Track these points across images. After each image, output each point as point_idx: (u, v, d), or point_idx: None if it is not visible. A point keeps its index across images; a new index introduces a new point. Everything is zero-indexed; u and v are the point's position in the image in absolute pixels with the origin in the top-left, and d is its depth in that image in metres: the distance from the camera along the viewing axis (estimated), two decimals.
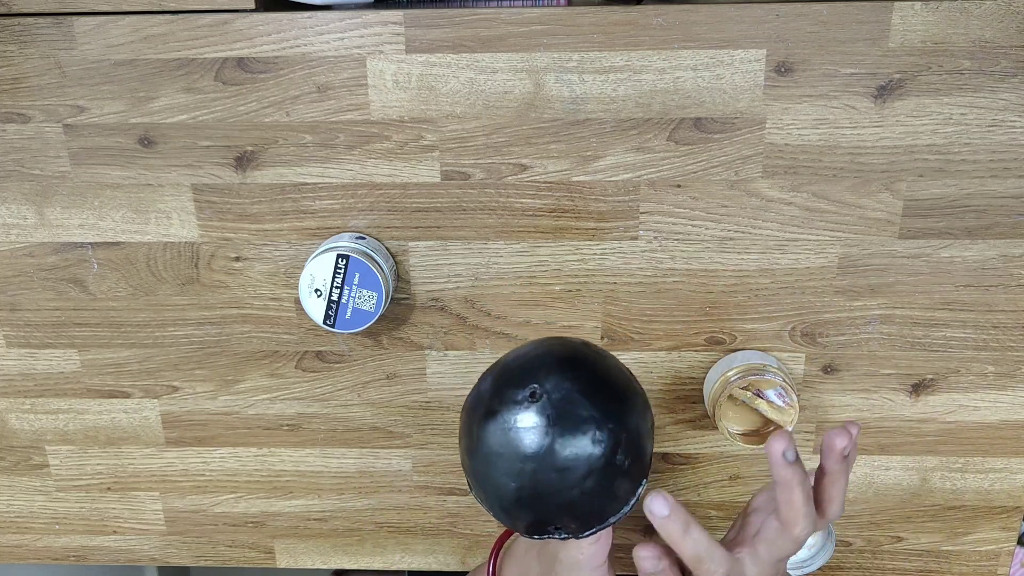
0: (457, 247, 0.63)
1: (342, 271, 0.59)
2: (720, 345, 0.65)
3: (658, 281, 0.63)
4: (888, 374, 0.65)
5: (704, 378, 0.66)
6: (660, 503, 0.47)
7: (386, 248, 0.63)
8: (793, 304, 0.63)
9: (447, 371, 0.67)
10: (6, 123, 0.61)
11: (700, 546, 0.47)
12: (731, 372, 0.61)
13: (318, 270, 0.59)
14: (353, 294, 0.59)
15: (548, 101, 0.58)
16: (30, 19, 0.58)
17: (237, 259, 0.64)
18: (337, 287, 0.59)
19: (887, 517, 0.70)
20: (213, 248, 0.64)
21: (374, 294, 0.59)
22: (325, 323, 0.60)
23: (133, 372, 0.68)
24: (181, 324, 0.66)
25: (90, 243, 0.64)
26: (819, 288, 0.62)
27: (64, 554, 0.76)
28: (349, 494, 0.72)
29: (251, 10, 0.57)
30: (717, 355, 0.65)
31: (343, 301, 0.60)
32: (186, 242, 0.64)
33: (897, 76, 0.57)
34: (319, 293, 0.60)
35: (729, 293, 0.63)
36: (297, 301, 0.65)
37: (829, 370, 0.65)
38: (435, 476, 0.71)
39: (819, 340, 0.64)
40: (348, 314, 0.60)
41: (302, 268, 0.64)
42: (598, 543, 0.54)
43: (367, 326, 0.60)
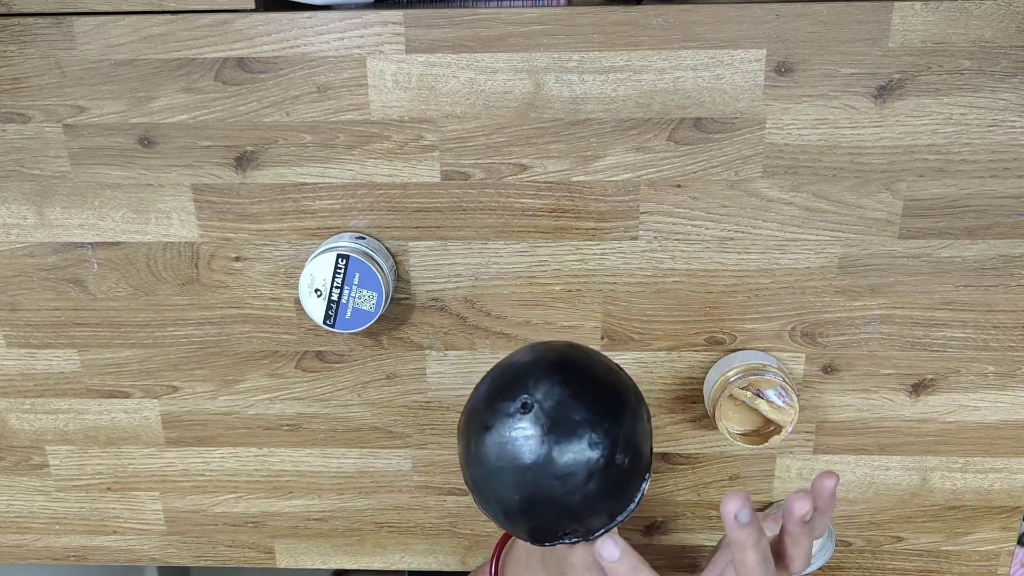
0: (457, 247, 0.63)
1: (342, 271, 0.59)
2: (720, 345, 0.65)
3: (658, 281, 0.63)
4: (888, 374, 0.65)
5: (704, 378, 0.66)
6: (611, 547, 0.47)
7: (386, 248, 0.63)
8: (793, 304, 0.63)
9: (447, 371, 0.67)
10: (6, 123, 0.61)
11: None
12: (731, 372, 0.61)
13: (318, 270, 0.59)
14: (353, 294, 0.59)
15: (548, 101, 0.58)
16: (30, 19, 0.58)
17: (237, 259, 0.64)
18: (337, 287, 0.59)
19: (887, 517, 0.70)
20: (213, 248, 0.64)
21: (374, 294, 0.59)
22: (325, 323, 0.60)
23: (133, 372, 0.68)
24: (181, 324, 0.66)
25: (90, 243, 0.64)
26: (819, 288, 0.62)
27: (64, 554, 0.76)
28: (349, 494, 0.72)
29: (251, 10, 0.57)
30: (717, 355, 0.65)
31: (343, 301, 0.60)
32: (186, 242, 0.64)
33: (897, 76, 0.57)
34: (319, 293, 0.60)
35: (729, 293, 0.63)
36: (297, 301, 0.65)
37: (829, 370, 0.65)
38: (435, 476, 0.71)
39: (819, 340, 0.64)
40: (348, 314, 0.60)
41: (302, 268, 0.64)
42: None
43: (367, 326, 0.60)
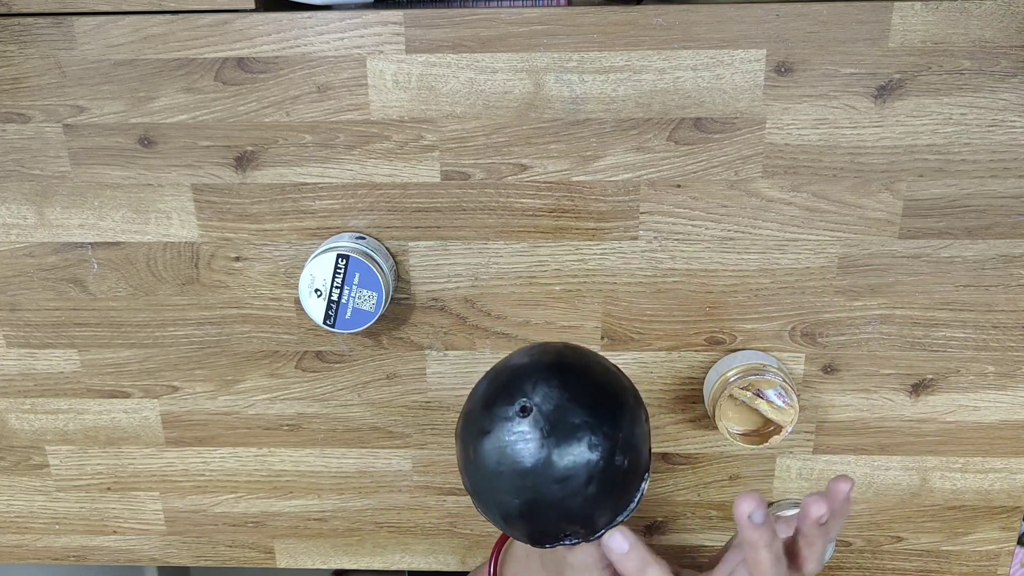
0: (457, 247, 0.63)
1: (342, 271, 0.59)
2: (720, 345, 0.65)
3: (658, 281, 0.63)
4: (888, 374, 0.65)
5: (704, 378, 0.66)
6: (619, 540, 0.47)
7: (386, 248, 0.63)
8: (793, 304, 0.63)
9: (447, 371, 0.67)
10: (6, 123, 0.61)
11: None
12: (731, 372, 0.61)
13: (318, 270, 0.59)
14: (353, 294, 0.59)
15: (548, 101, 0.58)
16: (30, 19, 0.58)
17: (237, 259, 0.64)
18: (337, 287, 0.59)
19: (887, 517, 0.70)
20: (213, 248, 0.64)
21: (374, 294, 0.59)
22: (325, 323, 0.60)
23: (133, 372, 0.68)
24: (181, 324, 0.66)
25: (90, 243, 0.64)
26: (819, 288, 0.62)
27: (64, 554, 0.76)
28: (349, 494, 0.72)
29: (251, 10, 0.57)
30: (717, 355, 0.65)
31: (343, 301, 0.60)
32: (186, 242, 0.64)
33: (897, 76, 0.57)
34: (319, 293, 0.60)
35: (729, 293, 0.63)
36: (297, 301, 0.65)
37: (829, 370, 0.65)
38: (435, 476, 0.71)
39: (819, 340, 0.64)
40: (348, 314, 0.60)
41: (302, 268, 0.64)
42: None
43: (367, 326, 0.60)
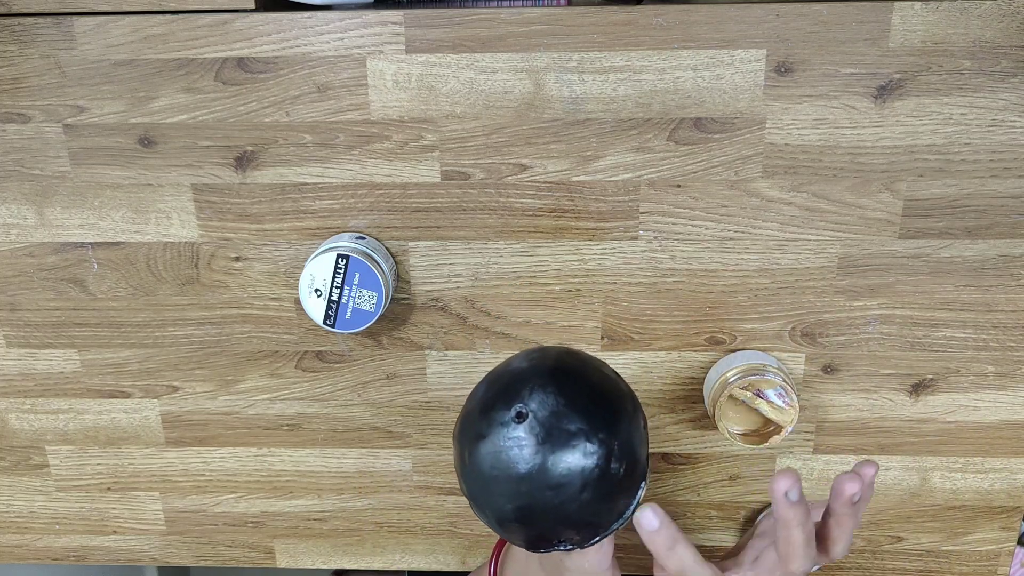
0: (457, 247, 0.63)
1: (342, 271, 0.59)
2: (720, 345, 0.65)
3: (658, 281, 0.63)
4: (888, 374, 0.65)
5: (704, 378, 0.66)
6: (650, 516, 0.47)
7: (386, 248, 0.63)
8: (793, 304, 0.63)
9: (447, 371, 0.67)
10: (6, 123, 0.61)
11: (685, 562, 0.47)
12: (731, 372, 0.61)
13: (318, 270, 0.59)
14: (353, 294, 0.59)
15: (548, 101, 0.58)
16: (30, 19, 0.58)
17: (237, 259, 0.64)
18: (337, 287, 0.59)
19: (887, 517, 0.70)
20: (213, 248, 0.64)
21: (374, 294, 0.59)
22: (325, 323, 0.60)
23: (133, 372, 0.68)
24: (181, 324, 0.66)
25: (90, 243, 0.64)
26: (819, 288, 0.62)
27: (64, 554, 0.76)
28: (349, 494, 0.72)
29: (251, 10, 0.57)
30: (717, 355, 0.65)
31: (343, 301, 0.60)
32: (186, 242, 0.64)
33: (897, 76, 0.57)
34: (319, 293, 0.60)
35: (729, 293, 0.63)
36: (297, 301, 0.65)
37: (829, 370, 0.65)
38: (435, 476, 0.71)
39: (819, 340, 0.64)
40: (348, 314, 0.60)
41: (302, 268, 0.64)
42: (602, 549, 0.54)
43: (367, 326, 0.60)
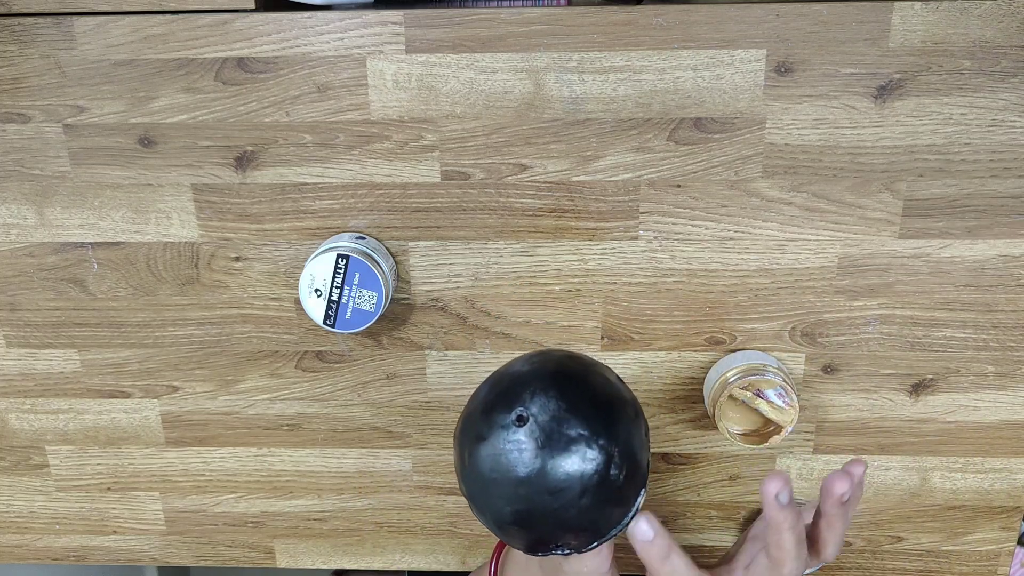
0: (457, 247, 0.63)
1: (342, 271, 0.59)
2: (720, 345, 0.65)
3: (658, 281, 0.63)
4: (888, 374, 0.65)
5: (704, 378, 0.66)
6: (644, 527, 0.47)
7: (386, 248, 0.63)
8: (793, 304, 0.63)
9: (447, 371, 0.67)
10: (6, 123, 0.61)
11: (678, 572, 0.47)
12: (731, 372, 0.61)
13: (318, 270, 0.59)
14: (353, 294, 0.59)
15: (548, 101, 0.58)
16: (30, 19, 0.58)
17: (237, 259, 0.64)
18: (337, 287, 0.59)
19: (887, 517, 0.70)
20: (213, 248, 0.64)
21: (374, 294, 0.59)
22: (325, 323, 0.60)
23: (133, 372, 0.68)
24: (181, 324, 0.66)
25: (90, 243, 0.64)
26: (819, 288, 0.62)
27: (64, 554, 0.76)
28: (349, 494, 0.72)
29: (251, 10, 0.57)
30: (717, 355, 0.65)
31: (343, 301, 0.60)
32: (186, 242, 0.64)
33: (897, 76, 0.57)
34: (319, 293, 0.60)
35: (729, 293, 0.63)
36: (297, 301, 0.65)
37: (829, 370, 0.65)
38: (435, 476, 0.71)
39: (819, 340, 0.64)
40: (348, 314, 0.60)
41: (302, 268, 0.64)
42: (600, 555, 0.53)
43: (367, 326, 0.60)
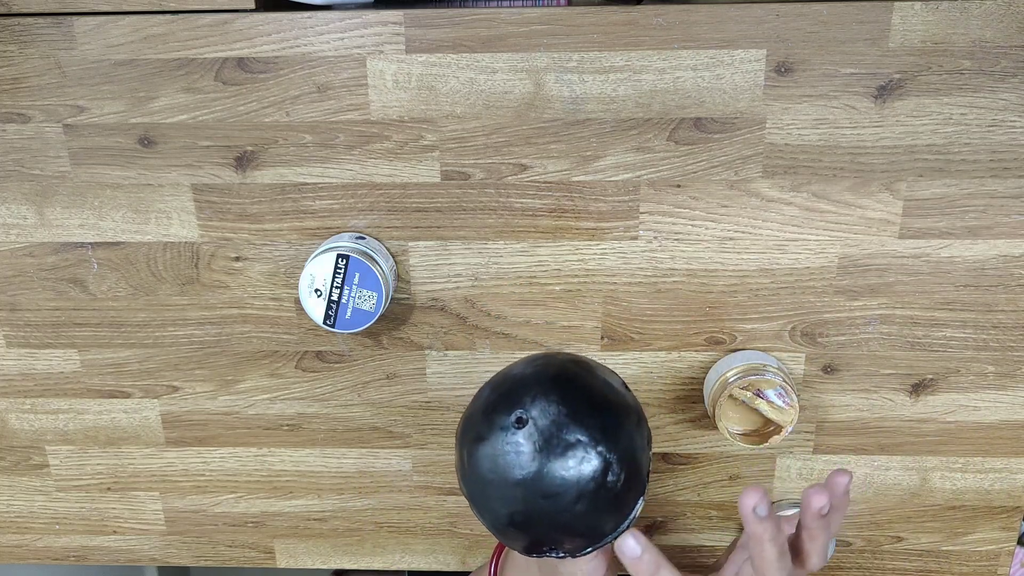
0: (457, 247, 0.63)
1: (342, 271, 0.59)
2: (720, 345, 0.65)
3: (658, 281, 0.63)
4: (888, 374, 0.65)
5: (704, 378, 0.66)
6: (631, 544, 0.47)
7: (386, 248, 0.63)
8: (793, 304, 0.63)
9: (447, 371, 0.67)
10: (6, 123, 0.61)
11: None
12: (731, 372, 0.61)
13: (318, 270, 0.59)
14: (353, 294, 0.59)
15: (548, 101, 0.58)
16: (30, 19, 0.58)
17: (237, 259, 0.64)
18: (337, 287, 0.59)
19: (887, 517, 0.70)
20: (213, 248, 0.64)
21: (374, 294, 0.59)
22: (325, 323, 0.60)
23: (133, 372, 0.68)
24: (181, 324, 0.66)
25: (90, 243, 0.64)
26: (819, 288, 0.62)
27: (64, 554, 0.76)
28: (349, 494, 0.72)
29: (251, 10, 0.57)
30: (717, 355, 0.65)
31: (343, 301, 0.60)
32: (186, 242, 0.64)
33: (897, 76, 0.57)
34: (319, 293, 0.60)
35: (729, 293, 0.63)
36: (297, 301, 0.65)
37: (829, 370, 0.65)
38: (435, 476, 0.71)
39: (819, 340, 0.64)
40: (348, 314, 0.60)
41: (302, 268, 0.64)
42: (596, 559, 0.53)
43: (367, 326, 0.60)
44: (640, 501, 0.50)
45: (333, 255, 0.59)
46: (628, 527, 0.50)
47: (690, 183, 0.60)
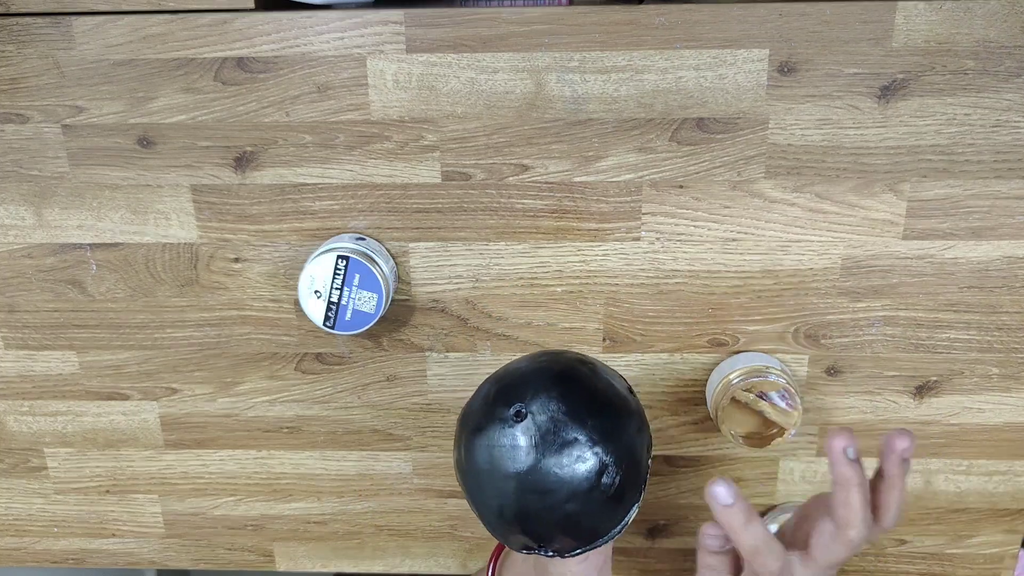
0: (458, 248, 0.63)
1: (342, 272, 0.59)
2: (723, 347, 0.64)
3: (660, 282, 0.63)
4: (892, 376, 0.64)
5: (707, 380, 0.65)
6: (724, 492, 0.46)
7: (386, 249, 0.63)
8: (796, 306, 0.63)
9: (448, 373, 0.67)
10: (4, 123, 0.60)
11: (758, 538, 0.46)
12: (734, 374, 0.61)
13: (318, 271, 0.59)
14: (353, 295, 0.59)
15: (549, 101, 0.58)
16: (28, 19, 0.58)
17: (236, 260, 0.64)
18: (337, 288, 0.59)
19: None
20: (212, 249, 0.63)
21: (374, 295, 0.59)
22: (325, 325, 0.60)
23: (132, 374, 0.68)
24: (180, 326, 0.66)
25: (88, 244, 0.64)
26: (822, 289, 0.62)
27: (63, 557, 0.76)
28: (349, 497, 0.72)
29: (251, 10, 0.57)
30: (720, 357, 0.65)
31: (343, 302, 0.59)
32: (185, 243, 0.63)
33: (901, 76, 0.56)
34: (319, 294, 0.59)
35: (732, 294, 0.63)
36: (297, 302, 0.65)
37: (832, 372, 0.65)
38: (436, 479, 0.71)
39: (822, 342, 0.64)
40: (348, 316, 0.60)
41: (302, 269, 0.63)
42: (586, 562, 0.53)
43: (367, 328, 0.60)
44: (635, 507, 0.49)
45: (333, 256, 0.58)
46: (620, 532, 0.49)
47: (692, 184, 0.60)
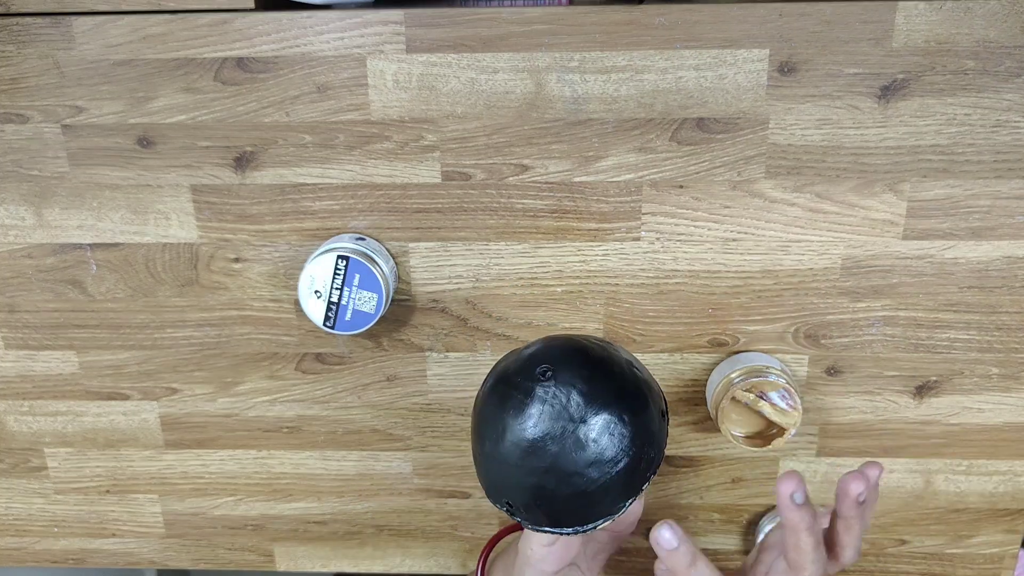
0: (458, 248, 0.63)
1: (342, 272, 0.59)
2: (723, 347, 0.64)
3: (660, 282, 0.63)
4: (892, 376, 0.64)
5: (707, 380, 0.65)
6: (669, 535, 0.45)
7: (386, 249, 0.63)
8: (796, 306, 0.63)
9: (448, 373, 0.67)
10: (4, 123, 0.60)
11: None
12: (734, 374, 0.61)
13: (318, 271, 0.59)
14: (353, 295, 0.59)
15: (550, 101, 0.58)
16: (28, 19, 0.58)
17: (236, 260, 0.64)
18: (337, 288, 0.59)
19: (891, 520, 0.70)
20: (212, 249, 0.63)
21: (374, 295, 0.59)
22: (325, 325, 0.60)
23: (132, 374, 0.68)
24: (180, 326, 0.66)
25: (88, 244, 0.64)
26: (822, 289, 0.62)
27: (63, 557, 0.76)
28: (349, 497, 0.72)
29: (251, 10, 0.57)
30: (720, 357, 0.65)
31: (343, 302, 0.59)
32: (185, 243, 0.63)
33: (901, 76, 0.56)
34: (319, 294, 0.59)
35: (732, 294, 0.63)
36: (297, 302, 0.65)
37: (832, 372, 0.65)
38: (436, 479, 0.71)
39: (822, 342, 0.64)
40: (348, 316, 0.60)
41: (302, 269, 0.63)
42: (551, 547, 0.52)
43: (367, 328, 0.60)
44: (623, 507, 0.48)
45: (333, 256, 0.58)
46: (591, 530, 0.48)
47: (692, 184, 0.60)
